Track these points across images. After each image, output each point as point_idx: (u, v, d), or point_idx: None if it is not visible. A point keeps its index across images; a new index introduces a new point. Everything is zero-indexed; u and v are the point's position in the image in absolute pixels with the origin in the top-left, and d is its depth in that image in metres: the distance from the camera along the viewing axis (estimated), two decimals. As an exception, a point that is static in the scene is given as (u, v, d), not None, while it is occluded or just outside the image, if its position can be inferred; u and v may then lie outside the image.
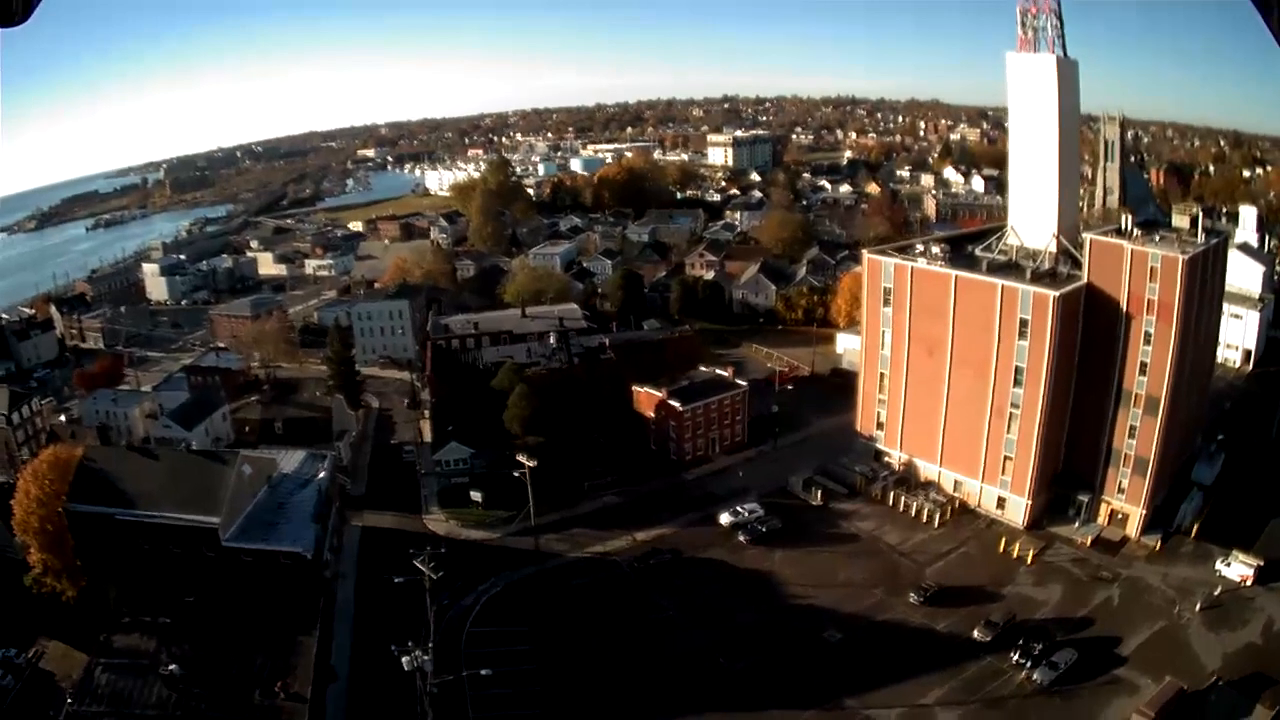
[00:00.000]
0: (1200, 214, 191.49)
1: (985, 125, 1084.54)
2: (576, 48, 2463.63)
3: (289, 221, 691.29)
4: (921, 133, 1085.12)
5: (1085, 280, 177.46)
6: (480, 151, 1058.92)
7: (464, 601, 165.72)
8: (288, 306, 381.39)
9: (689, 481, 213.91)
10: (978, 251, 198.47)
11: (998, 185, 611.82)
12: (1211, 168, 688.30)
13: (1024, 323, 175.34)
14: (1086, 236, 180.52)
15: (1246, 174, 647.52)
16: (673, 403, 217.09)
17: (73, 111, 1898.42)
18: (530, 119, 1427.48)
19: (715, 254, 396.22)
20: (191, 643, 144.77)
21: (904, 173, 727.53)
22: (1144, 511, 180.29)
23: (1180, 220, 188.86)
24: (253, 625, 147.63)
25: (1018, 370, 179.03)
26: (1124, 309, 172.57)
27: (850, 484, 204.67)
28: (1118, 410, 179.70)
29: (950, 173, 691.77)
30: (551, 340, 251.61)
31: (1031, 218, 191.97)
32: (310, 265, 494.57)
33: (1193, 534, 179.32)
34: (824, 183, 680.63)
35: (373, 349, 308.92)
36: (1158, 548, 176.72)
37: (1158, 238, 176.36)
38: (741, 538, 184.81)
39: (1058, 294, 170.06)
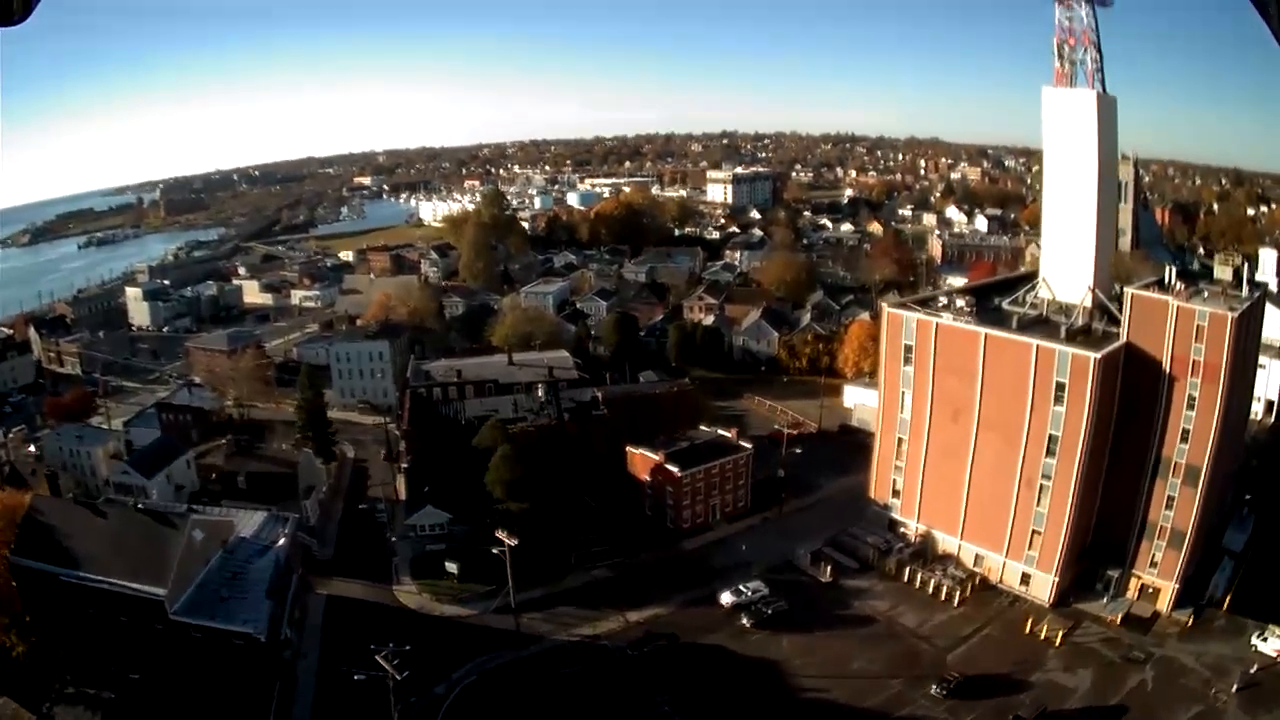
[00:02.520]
0: (1244, 265, 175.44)
1: (985, 164, 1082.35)
2: (576, 79, 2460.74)
3: (280, 249, 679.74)
4: (922, 171, 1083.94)
5: (1125, 339, 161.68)
6: (477, 182, 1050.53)
7: (436, 690, 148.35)
8: (265, 341, 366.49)
9: (687, 553, 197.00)
10: (1005, 305, 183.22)
11: (1001, 225, 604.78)
12: (1215, 206, 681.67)
13: (1060, 386, 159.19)
14: (1127, 291, 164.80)
15: (1251, 212, 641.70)
16: (670, 467, 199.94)
17: (71, 126, 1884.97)
18: (528, 150, 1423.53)
19: (715, 296, 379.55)
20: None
21: (906, 211, 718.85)
22: (1177, 586, 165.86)
23: (1222, 271, 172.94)
24: (200, 712, 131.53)
25: (1051, 438, 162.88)
26: (1166, 370, 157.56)
27: (862, 557, 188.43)
28: (1154, 480, 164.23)
29: (953, 212, 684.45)
30: (540, 393, 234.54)
31: (1065, 269, 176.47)
32: (296, 296, 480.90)
33: (1225, 606, 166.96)
34: (825, 221, 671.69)
35: (351, 392, 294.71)
36: (1190, 623, 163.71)
37: (1204, 292, 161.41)
38: (745, 621, 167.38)
39: (1099, 356, 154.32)
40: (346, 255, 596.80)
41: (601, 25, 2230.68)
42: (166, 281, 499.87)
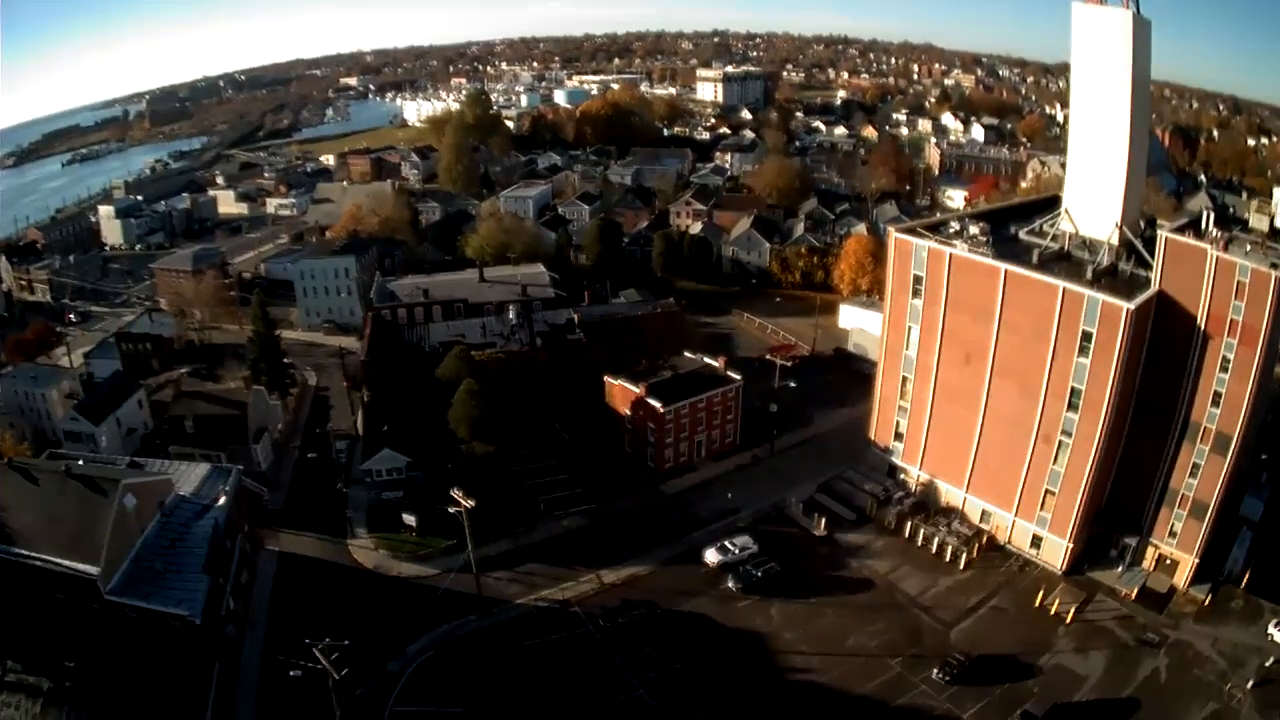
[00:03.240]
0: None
1: (980, 72, 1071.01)
2: None
3: (262, 155, 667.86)
4: (915, 76, 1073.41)
5: (1157, 287, 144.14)
6: (464, 81, 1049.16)
7: (390, 666, 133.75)
8: (236, 256, 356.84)
9: (669, 498, 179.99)
10: (1023, 234, 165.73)
11: (998, 135, 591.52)
12: (1215, 133, 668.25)
13: (1087, 336, 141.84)
14: (1161, 233, 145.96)
15: (1252, 143, 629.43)
16: (652, 402, 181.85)
17: (60, 43, 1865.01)
18: (517, 48, 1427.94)
19: (703, 202, 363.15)
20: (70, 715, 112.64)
21: (900, 116, 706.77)
22: (1196, 560, 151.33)
23: (1258, 220, 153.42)
24: (136, 699, 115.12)
25: (1073, 391, 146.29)
26: (1200, 326, 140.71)
27: (859, 506, 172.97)
28: (1180, 444, 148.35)
29: (949, 119, 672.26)
30: (511, 315, 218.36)
31: (1091, 201, 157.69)
32: (272, 204, 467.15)
33: (1243, 583, 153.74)
34: (818, 124, 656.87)
35: (316, 311, 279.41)
36: (1206, 602, 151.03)
37: (1244, 244, 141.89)
38: (731, 584, 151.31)
39: (1132, 306, 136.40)
40: (328, 159, 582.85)
41: None
42: (140, 197, 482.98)
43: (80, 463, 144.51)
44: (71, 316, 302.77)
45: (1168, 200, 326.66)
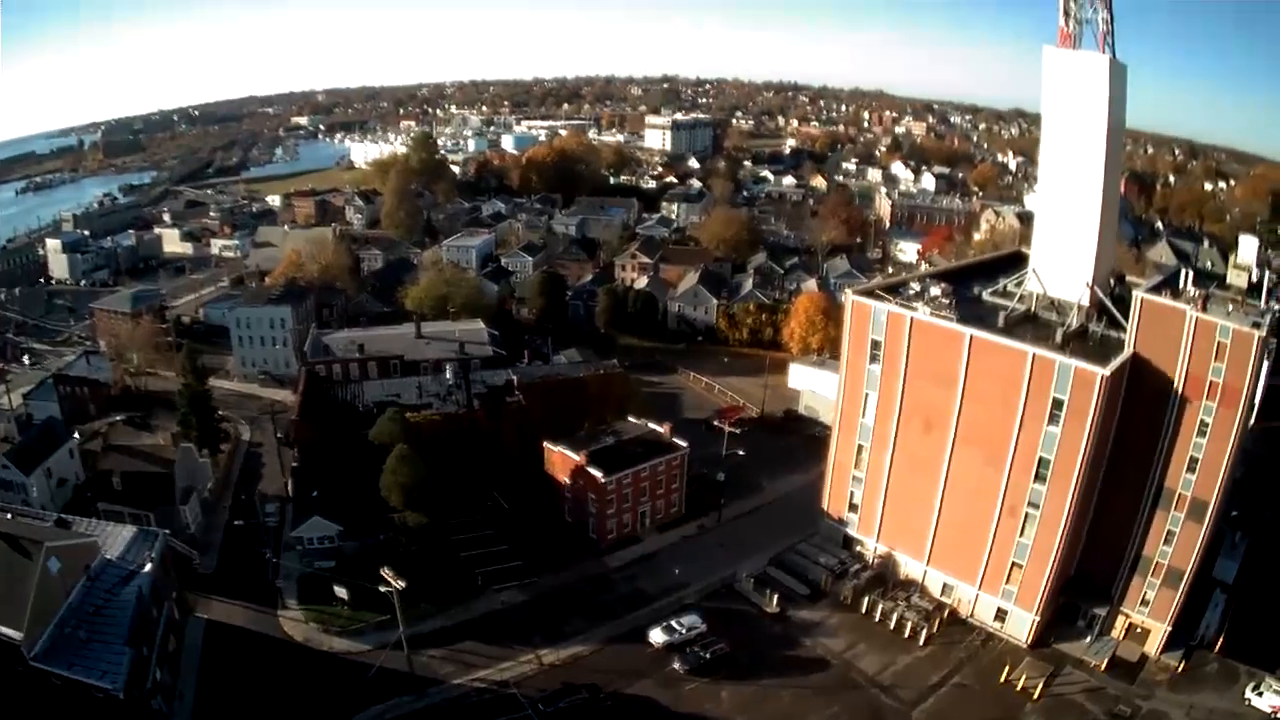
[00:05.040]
0: (1265, 274, 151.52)
1: (931, 119, 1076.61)
2: (518, 18, 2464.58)
3: (209, 192, 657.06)
4: (866, 124, 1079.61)
5: (1131, 350, 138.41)
6: (413, 123, 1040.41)
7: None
8: (177, 298, 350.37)
9: (612, 571, 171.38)
10: (988, 295, 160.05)
11: (949, 184, 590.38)
12: (1173, 179, 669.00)
13: (1058, 403, 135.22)
14: (1136, 294, 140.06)
15: (1210, 187, 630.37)
16: (593, 471, 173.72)
17: (19, 66, 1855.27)
18: (467, 91, 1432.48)
19: (649, 255, 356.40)
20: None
21: (850, 165, 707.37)
22: (1168, 628, 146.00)
23: (1237, 278, 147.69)
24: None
25: (1041, 461, 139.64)
26: (1178, 390, 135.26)
27: (813, 581, 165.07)
28: (1153, 512, 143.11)
29: (899, 168, 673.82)
30: (448, 375, 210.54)
31: (1061, 259, 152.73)
32: (216, 245, 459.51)
33: (1217, 647, 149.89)
34: (767, 173, 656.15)
35: (252, 361, 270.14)
36: (1180, 669, 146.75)
37: (1226, 304, 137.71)
38: (678, 666, 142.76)
39: (1106, 372, 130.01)
40: (274, 199, 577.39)
41: None
42: (87, 232, 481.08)
43: (9, 516, 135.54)
44: (26, 359, 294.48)
45: (1128, 251, 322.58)
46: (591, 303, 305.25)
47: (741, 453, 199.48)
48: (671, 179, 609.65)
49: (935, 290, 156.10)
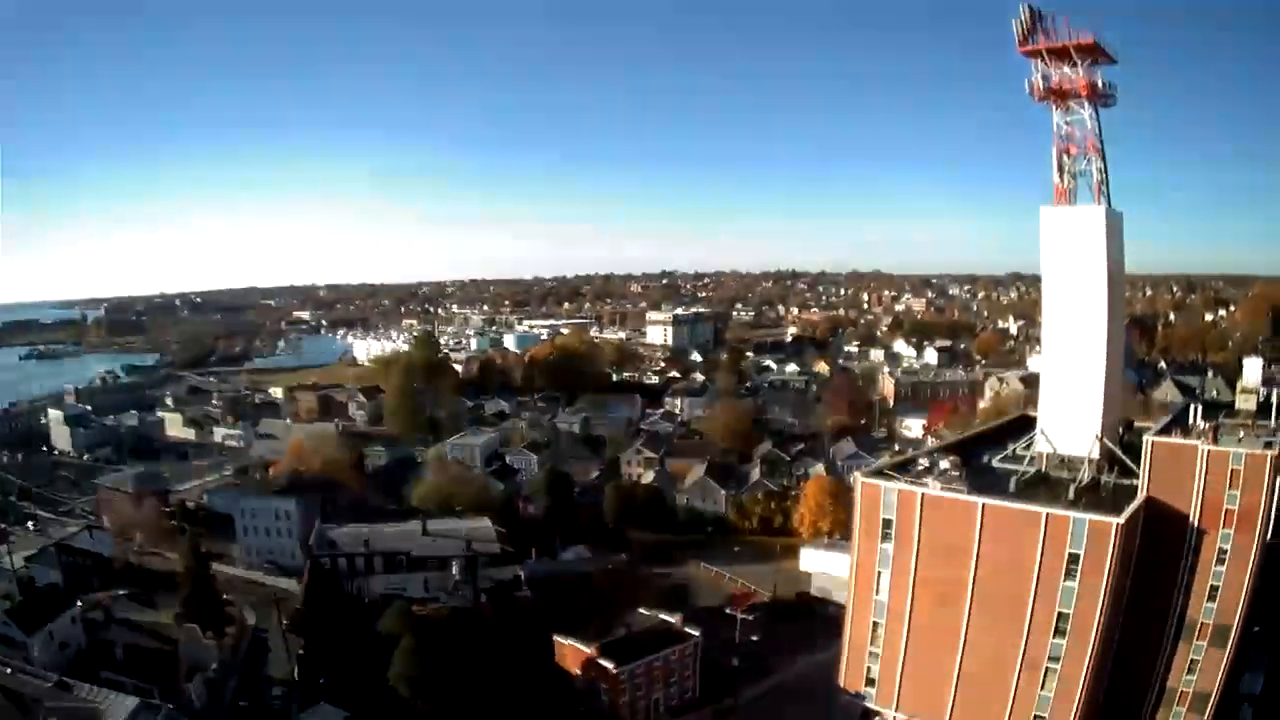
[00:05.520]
0: (1273, 392, 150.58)
1: (930, 294, 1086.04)
2: (517, 213, 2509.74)
3: (212, 380, 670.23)
4: (866, 305, 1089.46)
5: (1145, 494, 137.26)
6: (415, 321, 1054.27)
7: None
8: (181, 482, 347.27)
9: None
10: (997, 462, 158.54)
11: (952, 356, 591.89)
12: (1173, 316, 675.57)
13: (1074, 558, 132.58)
14: (1147, 439, 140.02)
15: (1210, 317, 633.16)
16: (604, 663, 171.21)
17: (27, 236, 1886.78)
18: (468, 290, 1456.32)
19: (654, 450, 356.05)
20: None
21: (852, 348, 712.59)
22: None
23: (1245, 401, 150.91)
24: None
25: (1060, 616, 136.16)
26: (1194, 523, 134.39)
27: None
28: (1176, 643, 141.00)
29: (901, 346, 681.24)
30: (455, 571, 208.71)
31: (1068, 416, 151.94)
32: (219, 433, 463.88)
33: None
34: (769, 362, 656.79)
35: (257, 551, 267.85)
36: None
37: (1238, 433, 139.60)
38: None
39: (1121, 521, 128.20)
40: (277, 392, 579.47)
41: (544, 153, 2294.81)
42: (89, 407, 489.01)
43: (10, 672, 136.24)
44: (30, 524, 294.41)
45: (1134, 396, 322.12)
46: (599, 498, 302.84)
47: (755, 637, 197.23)
48: (674, 373, 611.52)
49: (944, 464, 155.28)
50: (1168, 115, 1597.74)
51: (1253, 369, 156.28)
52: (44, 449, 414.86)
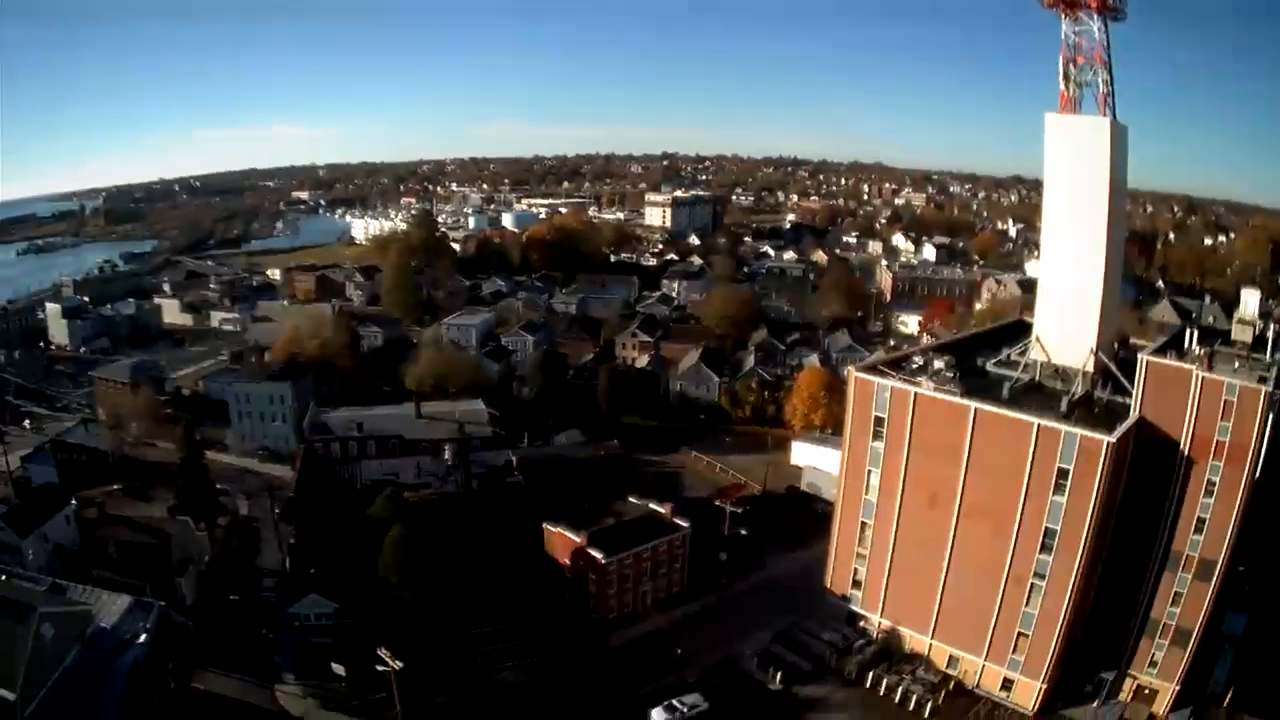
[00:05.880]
0: (1270, 326, 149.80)
1: (931, 190, 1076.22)
2: (519, 98, 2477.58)
3: (209, 264, 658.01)
4: (866, 196, 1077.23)
5: (1137, 415, 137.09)
6: (414, 200, 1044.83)
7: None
8: (176, 370, 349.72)
9: (613, 651, 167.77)
10: (991, 366, 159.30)
11: (950, 254, 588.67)
12: (1172, 236, 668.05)
13: (1063, 473, 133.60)
14: (1141, 357, 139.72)
15: (1209, 242, 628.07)
16: (593, 552, 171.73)
17: (23, 131, 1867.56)
18: (468, 168, 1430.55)
19: (650, 333, 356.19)
20: None
21: (851, 239, 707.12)
22: (1177, 687, 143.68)
23: (1241, 332, 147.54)
24: None
25: (1048, 531, 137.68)
26: (1184, 451, 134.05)
27: (817, 656, 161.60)
28: (1160, 574, 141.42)
29: (900, 240, 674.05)
30: (447, 455, 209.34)
31: (1065, 326, 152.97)
32: (216, 318, 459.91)
33: (1225, 702, 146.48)
34: (768, 248, 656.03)
35: (251, 436, 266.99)
36: None
37: (1233, 362, 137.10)
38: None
39: (1112, 439, 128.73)
40: (274, 273, 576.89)
41: (550, 32, 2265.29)
42: (87, 298, 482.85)
43: (3, 578, 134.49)
44: (26, 423, 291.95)
45: (1130, 312, 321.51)
46: (593, 381, 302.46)
47: (744, 531, 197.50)
48: (672, 256, 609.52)
49: (938, 364, 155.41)
50: (1180, 33, 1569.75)
51: (1251, 300, 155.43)
52: (41, 344, 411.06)
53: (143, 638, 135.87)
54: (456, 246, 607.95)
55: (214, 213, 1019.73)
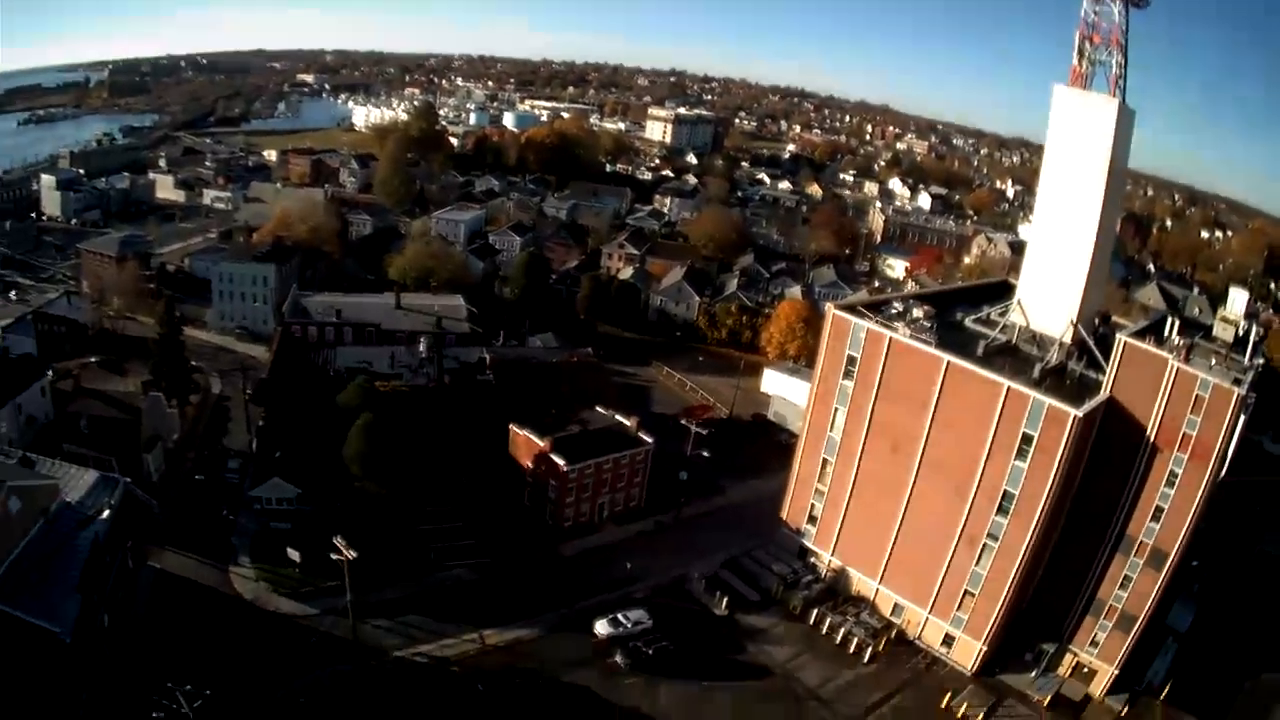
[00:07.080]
0: (1253, 328, 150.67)
1: (934, 139, 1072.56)
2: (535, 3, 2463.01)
3: (207, 141, 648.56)
4: (868, 136, 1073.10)
5: (1108, 393, 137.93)
6: (418, 91, 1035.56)
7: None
8: (165, 245, 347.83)
9: (566, 559, 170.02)
10: (969, 322, 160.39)
11: (944, 205, 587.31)
12: (1169, 223, 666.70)
13: (1027, 438, 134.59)
14: (1120, 337, 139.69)
15: (1205, 235, 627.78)
16: (556, 459, 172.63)
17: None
18: (474, 65, 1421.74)
19: (637, 246, 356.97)
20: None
21: (848, 176, 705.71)
22: (1116, 671, 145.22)
23: (1223, 330, 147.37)
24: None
25: (1005, 495, 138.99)
26: (1149, 438, 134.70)
27: (765, 588, 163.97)
28: (1112, 556, 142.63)
29: (896, 184, 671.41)
30: (422, 348, 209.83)
31: (1048, 294, 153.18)
32: (209, 195, 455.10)
33: (1162, 695, 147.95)
34: (763, 175, 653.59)
35: (230, 316, 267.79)
36: (1124, 712, 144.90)
37: (1210, 358, 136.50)
38: (620, 659, 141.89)
39: (1080, 413, 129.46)
40: (271, 154, 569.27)
41: None
42: (82, 170, 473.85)
43: None
44: (13, 294, 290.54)
45: (1117, 289, 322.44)
46: (574, 288, 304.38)
47: (706, 454, 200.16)
48: (668, 172, 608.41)
49: (917, 312, 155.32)
50: (1213, 34, 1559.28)
51: (1238, 299, 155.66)
52: (33, 216, 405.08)
53: (105, 514, 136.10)
54: (455, 141, 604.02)
55: (217, 90, 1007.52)
